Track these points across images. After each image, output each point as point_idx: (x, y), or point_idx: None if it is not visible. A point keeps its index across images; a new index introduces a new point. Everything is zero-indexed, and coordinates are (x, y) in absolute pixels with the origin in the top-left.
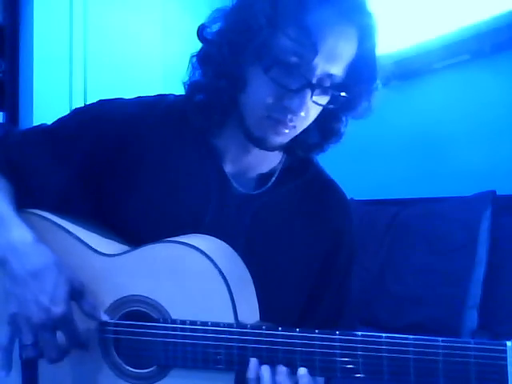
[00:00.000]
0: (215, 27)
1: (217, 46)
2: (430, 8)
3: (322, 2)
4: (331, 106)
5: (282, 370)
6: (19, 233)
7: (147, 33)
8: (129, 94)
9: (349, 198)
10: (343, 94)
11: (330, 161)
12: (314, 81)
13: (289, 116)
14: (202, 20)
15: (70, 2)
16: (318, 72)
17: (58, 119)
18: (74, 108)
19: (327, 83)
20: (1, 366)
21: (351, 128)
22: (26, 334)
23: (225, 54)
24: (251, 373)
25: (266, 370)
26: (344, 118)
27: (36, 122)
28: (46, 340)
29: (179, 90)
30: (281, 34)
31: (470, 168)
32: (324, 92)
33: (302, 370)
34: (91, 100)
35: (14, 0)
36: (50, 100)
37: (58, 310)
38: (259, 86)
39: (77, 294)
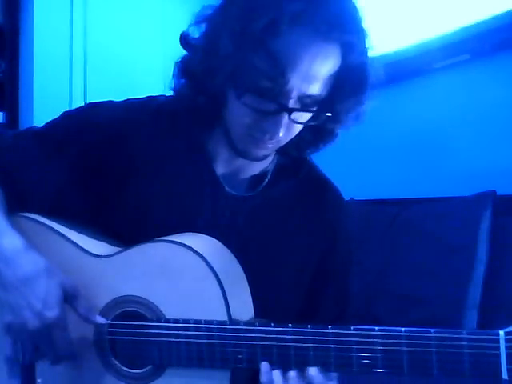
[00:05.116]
0: (195, 35)
1: (194, 64)
2: (430, 7)
3: (295, 23)
4: (314, 123)
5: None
6: (9, 240)
7: (147, 32)
8: (129, 94)
9: (349, 198)
10: (327, 113)
11: (330, 161)
12: (292, 102)
13: (267, 135)
14: None
15: (69, 2)
16: (295, 94)
17: (48, 122)
18: (63, 111)
19: (307, 102)
20: (9, 376)
21: (351, 128)
22: (25, 341)
23: (201, 74)
24: (263, 377)
25: (277, 375)
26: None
27: (36, 122)
28: (44, 345)
29: None
30: (250, 60)
31: (470, 168)
32: (305, 110)
33: (313, 370)
34: (91, 100)
35: (14, 0)
36: (49, 100)
37: (51, 314)
38: (235, 109)
39: (70, 297)
